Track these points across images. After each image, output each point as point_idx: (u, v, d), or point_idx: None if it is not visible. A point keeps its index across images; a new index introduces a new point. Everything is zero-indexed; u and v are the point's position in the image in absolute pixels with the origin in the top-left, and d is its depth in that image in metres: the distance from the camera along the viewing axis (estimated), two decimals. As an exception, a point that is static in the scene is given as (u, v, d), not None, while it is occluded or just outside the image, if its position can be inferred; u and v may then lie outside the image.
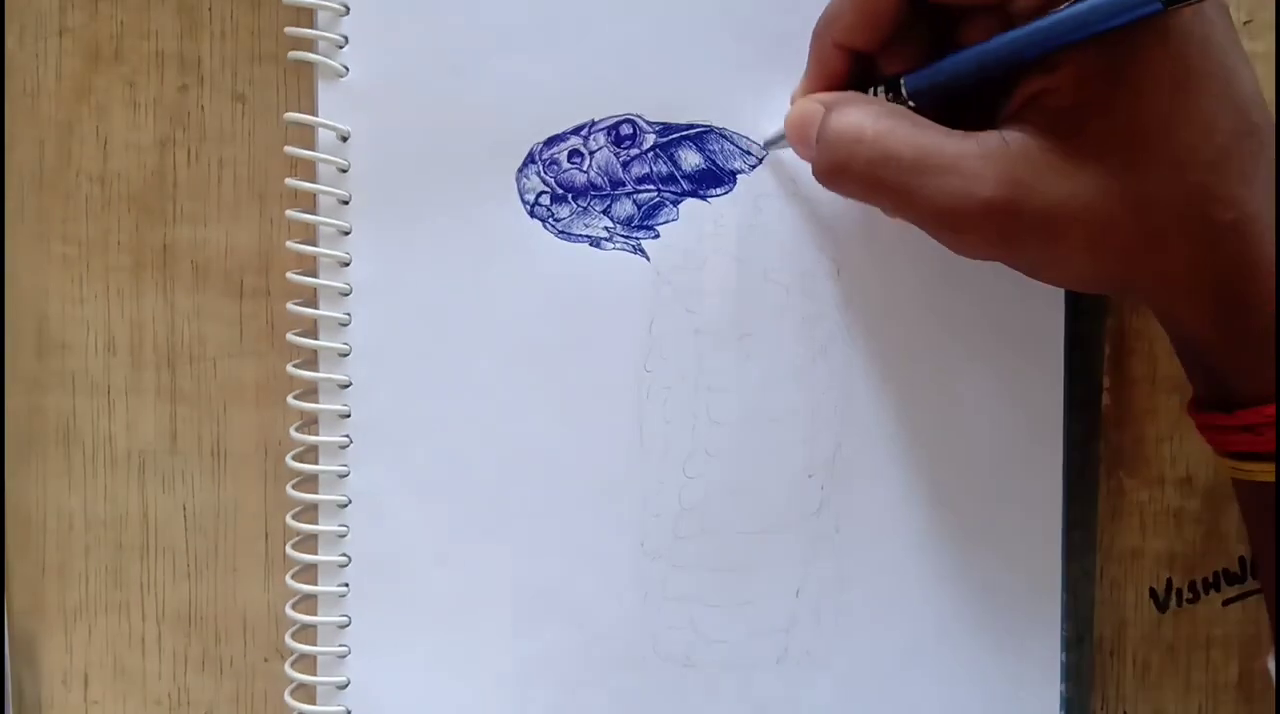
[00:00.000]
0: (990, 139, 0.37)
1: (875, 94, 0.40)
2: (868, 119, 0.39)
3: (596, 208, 0.46)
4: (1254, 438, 0.39)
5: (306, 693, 0.48)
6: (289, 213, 0.46)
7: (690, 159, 0.46)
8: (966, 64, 0.38)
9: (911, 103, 0.40)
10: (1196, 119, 0.36)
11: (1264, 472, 0.39)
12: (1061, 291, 0.46)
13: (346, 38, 0.46)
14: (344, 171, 0.46)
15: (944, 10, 0.40)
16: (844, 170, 0.39)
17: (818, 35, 0.42)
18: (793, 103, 0.43)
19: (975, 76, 0.38)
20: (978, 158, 0.37)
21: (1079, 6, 0.35)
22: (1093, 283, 0.40)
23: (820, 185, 0.40)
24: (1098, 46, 0.36)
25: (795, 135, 0.42)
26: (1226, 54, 0.37)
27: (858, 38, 0.40)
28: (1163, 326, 0.41)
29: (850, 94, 0.41)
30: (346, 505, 0.47)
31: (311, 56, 0.45)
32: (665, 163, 0.46)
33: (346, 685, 0.47)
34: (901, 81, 0.40)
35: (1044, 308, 0.46)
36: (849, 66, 0.41)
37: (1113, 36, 0.36)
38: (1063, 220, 0.37)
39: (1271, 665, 0.44)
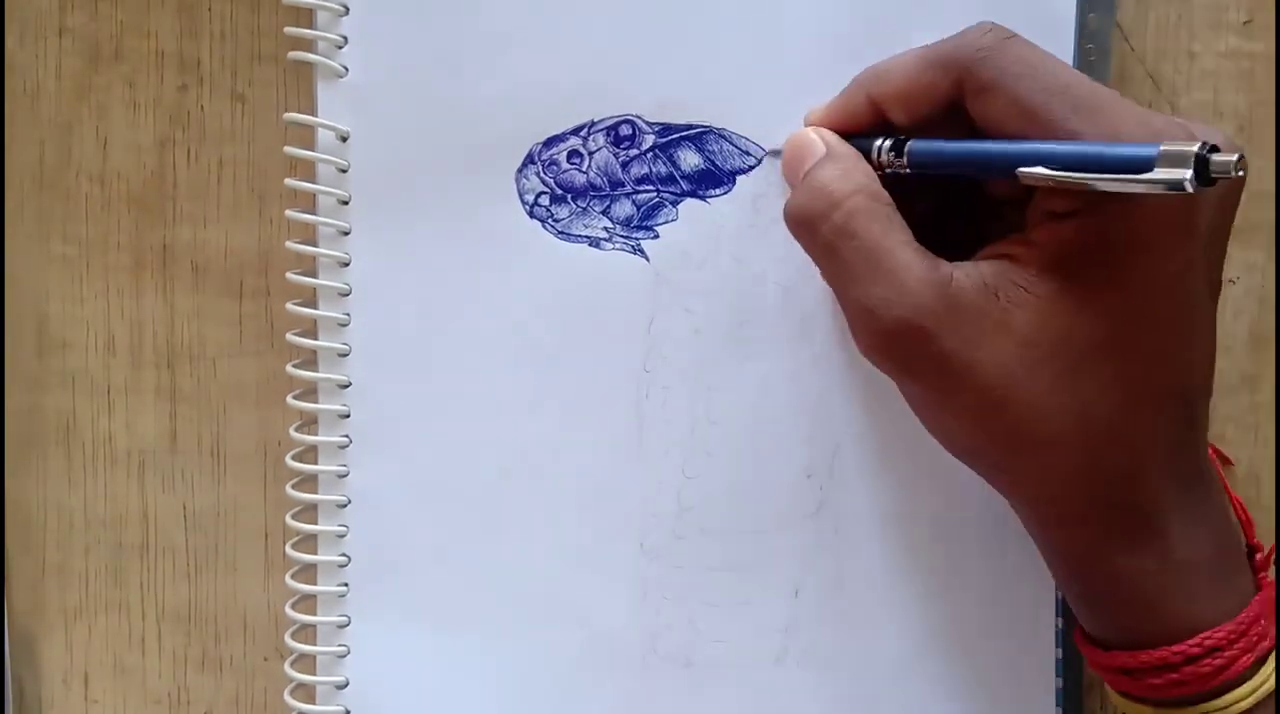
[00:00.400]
0: (942, 268, 0.37)
1: (880, 149, 0.40)
2: (849, 190, 0.39)
3: (596, 208, 0.46)
4: (1129, 681, 0.40)
5: (306, 692, 0.48)
6: (289, 213, 0.46)
7: (689, 160, 0.46)
8: (968, 153, 0.39)
9: (909, 170, 0.40)
10: (1130, 361, 0.37)
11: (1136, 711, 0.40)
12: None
13: (346, 38, 0.46)
14: (344, 172, 0.46)
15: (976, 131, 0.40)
16: (810, 225, 0.39)
17: (859, 83, 0.42)
18: (806, 122, 0.43)
19: (972, 167, 0.39)
20: (919, 278, 0.37)
21: (1090, 144, 0.35)
22: (963, 453, 0.40)
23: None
24: (1072, 239, 0.36)
25: (790, 158, 0.43)
26: (1193, 329, 0.38)
27: (892, 105, 0.41)
28: (1031, 536, 0.41)
29: (853, 152, 0.41)
30: (346, 505, 0.47)
31: (311, 57, 0.46)
32: (664, 163, 0.46)
33: (346, 685, 0.47)
34: (907, 143, 0.40)
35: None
36: (871, 122, 0.41)
37: (1086, 244, 0.36)
38: (960, 376, 0.37)
39: None
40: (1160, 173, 0.33)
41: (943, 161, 0.39)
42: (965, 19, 0.42)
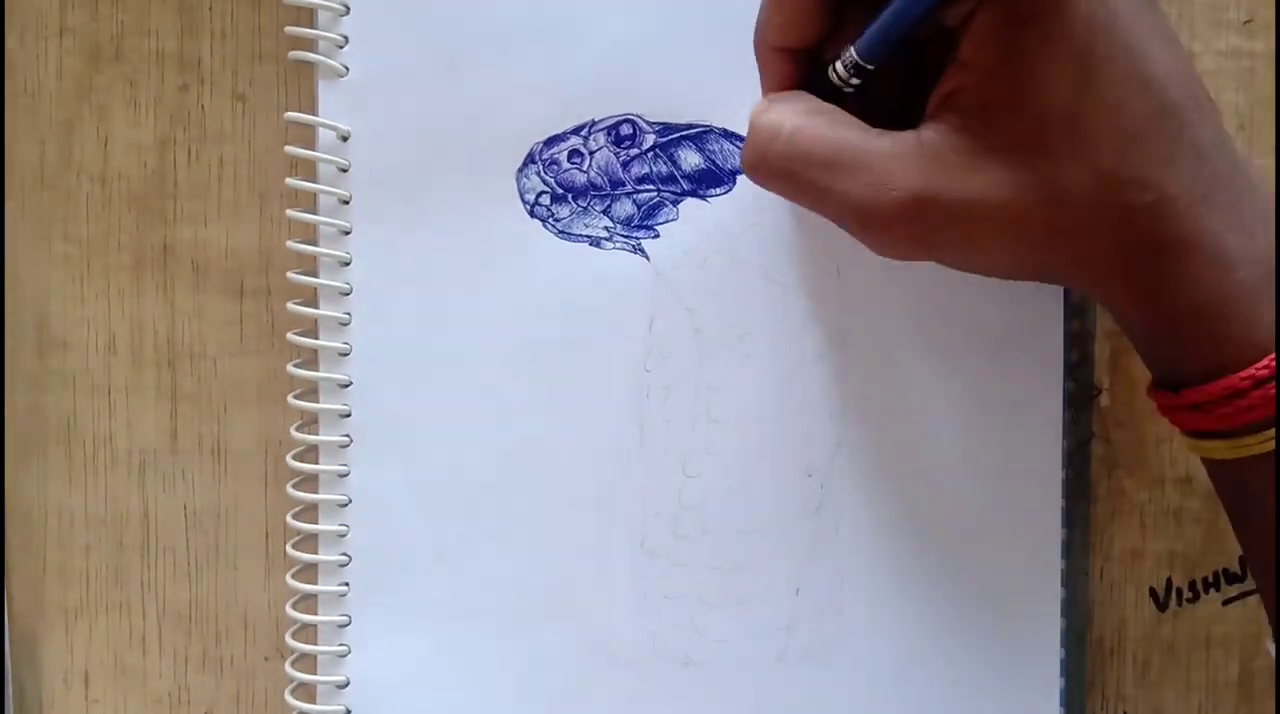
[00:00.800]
0: (905, 138, 0.37)
1: (834, 69, 0.39)
2: (787, 115, 0.39)
3: (596, 207, 0.46)
4: (1202, 416, 0.39)
5: (307, 692, 0.48)
6: (289, 212, 0.46)
7: (690, 159, 0.46)
8: (895, 16, 0.38)
9: (871, 66, 0.39)
10: (1103, 105, 0.36)
11: (1218, 449, 0.39)
12: (1061, 290, 0.46)
13: (347, 37, 0.46)
14: (344, 171, 0.46)
15: None
16: (760, 164, 0.39)
17: (756, 44, 0.41)
18: (757, 45, 0.42)
19: (907, 27, 0.38)
20: (890, 156, 0.37)
21: None
22: (1020, 273, 0.40)
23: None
24: (1002, 39, 0.36)
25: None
26: (1134, 35, 0.37)
27: (790, 37, 0.40)
28: (1100, 303, 0.41)
29: (790, 94, 0.40)
30: (347, 505, 0.47)
31: (312, 56, 0.46)
32: (665, 163, 0.46)
33: (346, 685, 0.47)
34: (851, 49, 0.39)
35: (1043, 308, 0.46)
36: (795, 68, 0.41)
37: (1016, 28, 0.36)
38: (975, 216, 0.37)
39: (1270, 648, 0.44)
40: None
41: (887, 37, 0.38)
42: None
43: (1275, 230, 0.37)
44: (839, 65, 0.39)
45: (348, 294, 0.46)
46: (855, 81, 0.39)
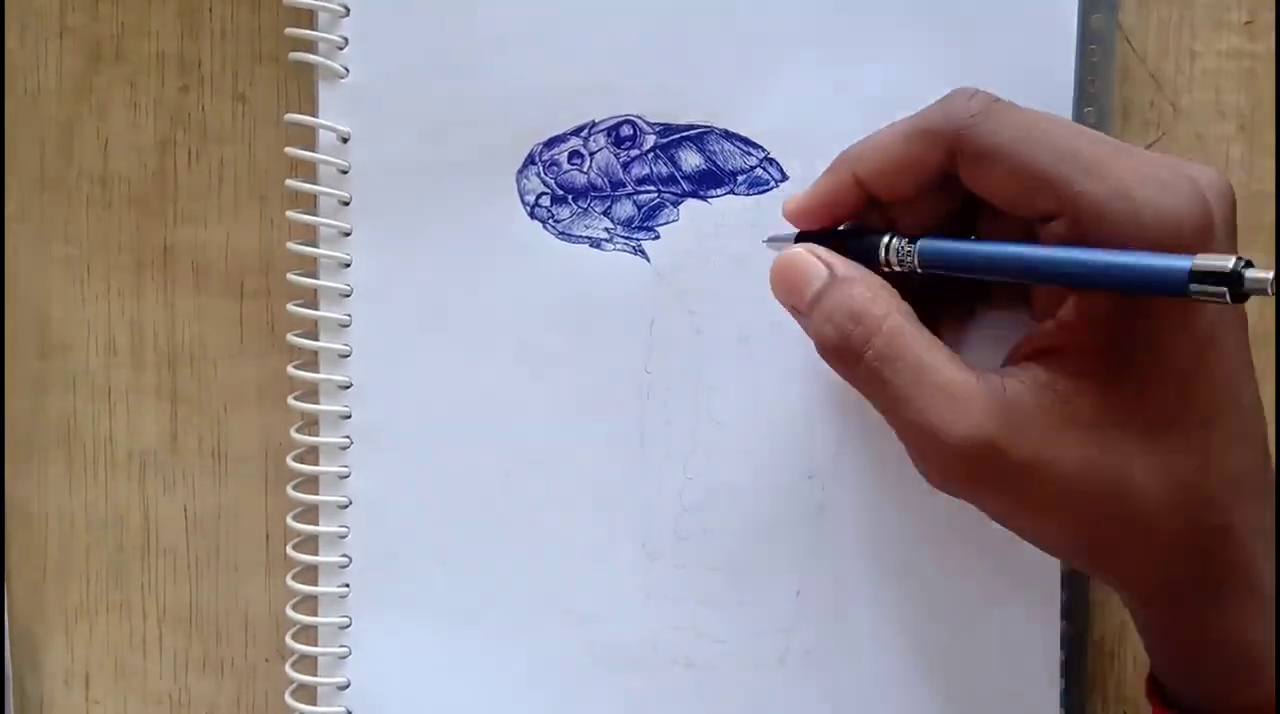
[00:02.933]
0: (990, 379, 0.36)
1: (888, 248, 0.39)
2: (891, 311, 0.37)
3: (597, 209, 0.46)
4: None
5: (307, 694, 0.48)
6: (289, 214, 0.46)
7: (691, 160, 0.46)
8: (988, 257, 0.37)
9: (920, 269, 0.38)
10: (1197, 419, 0.36)
11: None
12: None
13: (347, 39, 0.46)
14: (344, 173, 0.46)
15: (971, 196, 0.39)
16: (853, 353, 0.38)
17: (841, 162, 0.40)
18: (786, 212, 0.42)
19: (983, 271, 0.37)
20: (973, 393, 0.36)
21: (1100, 254, 0.34)
22: (1060, 551, 0.39)
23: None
24: (1119, 314, 0.35)
25: (786, 285, 0.40)
26: (1240, 360, 0.36)
27: (879, 183, 0.39)
28: (1130, 615, 0.40)
29: (859, 270, 0.39)
30: (347, 506, 0.47)
31: (312, 58, 0.46)
32: (665, 163, 0.46)
33: (347, 686, 0.47)
34: (916, 244, 0.38)
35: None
36: (859, 204, 0.40)
37: (1136, 308, 0.35)
38: (1039, 483, 0.36)
39: None
40: (1197, 285, 0.32)
41: (957, 265, 0.38)
42: (964, 20, 0.42)
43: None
44: (894, 249, 0.39)
45: (348, 296, 0.46)
46: (898, 268, 0.39)
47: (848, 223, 0.41)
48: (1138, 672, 0.48)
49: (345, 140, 0.46)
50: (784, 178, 0.45)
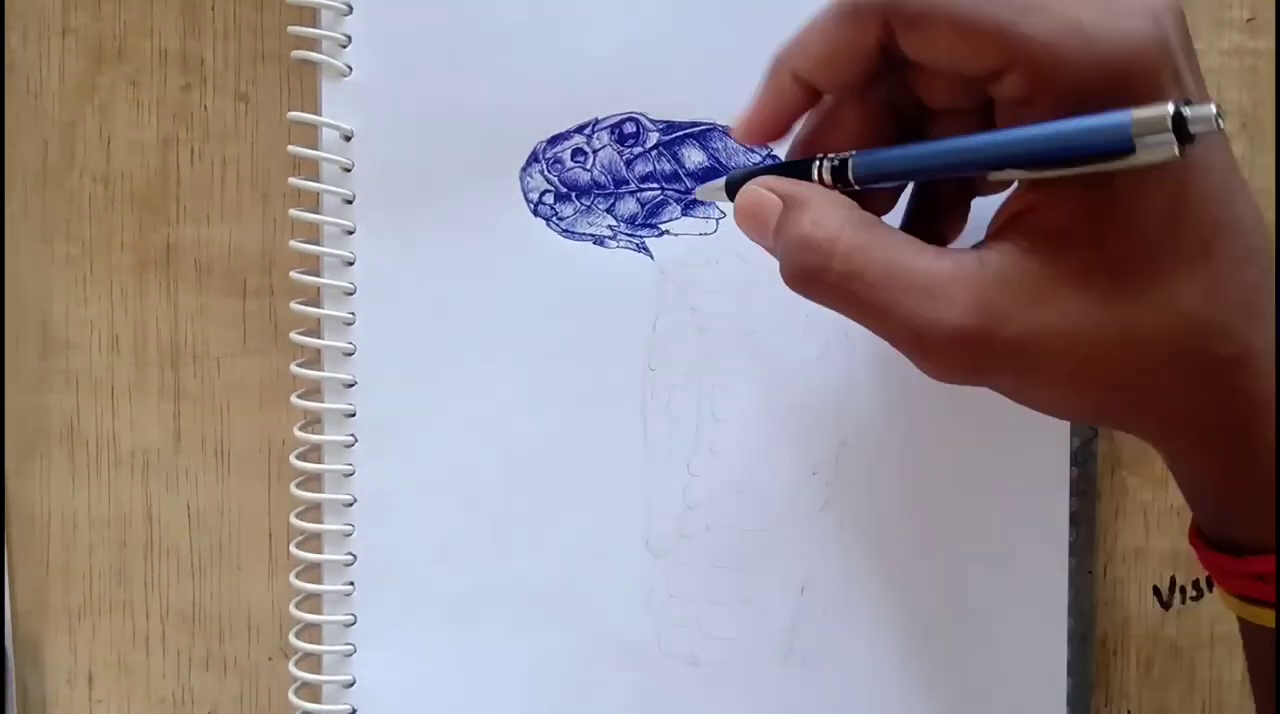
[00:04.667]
0: (966, 259, 0.35)
1: (820, 168, 0.37)
2: (840, 229, 0.36)
3: (600, 206, 0.46)
4: (1264, 585, 0.37)
5: (311, 692, 0.48)
6: (292, 212, 0.46)
7: (694, 157, 0.46)
8: (924, 159, 0.36)
9: (857, 186, 0.37)
10: (1192, 244, 0.34)
11: (1270, 618, 0.37)
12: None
13: (350, 37, 0.46)
14: (347, 171, 0.46)
15: (916, 82, 0.37)
16: (815, 281, 0.36)
17: (777, 61, 0.39)
18: (735, 135, 0.40)
19: (928, 175, 0.36)
20: (950, 278, 0.34)
21: (1055, 126, 0.33)
22: (1079, 416, 0.38)
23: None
24: (1098, 187, 0.33)
25: (749, 224, 0.39)
26: (1226, 179, 0.35)
27: (820, 73, 0.38)
28: (1164, 462, 0.39)
29: (811, 189, 0.37)
30: (351, 504, 0.47)
31: (315, 56, 0.46)
32: (669, 161, 0.46)
33: (352, 684, 0.47)
34: (851, 159, 0.37)
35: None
36: (803, 102, 0.39)
37: (1111, 185, 0.33)
38: (1041, 352, 0.34)
39: None
40: (1143, 154, 0.31)
41: (893, 172, 0.37)
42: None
43: None
44: (826, 168, 0.37)
45: (351, 293, 0.46)
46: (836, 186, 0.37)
47: (800, 134, 0.40)
48: (1142, 670, 0.48)
49: (348, 138, 0.46)
50: (787, 175, 0.45)
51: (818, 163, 0.37)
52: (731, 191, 0.39)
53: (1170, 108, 0.30)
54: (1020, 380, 0.36)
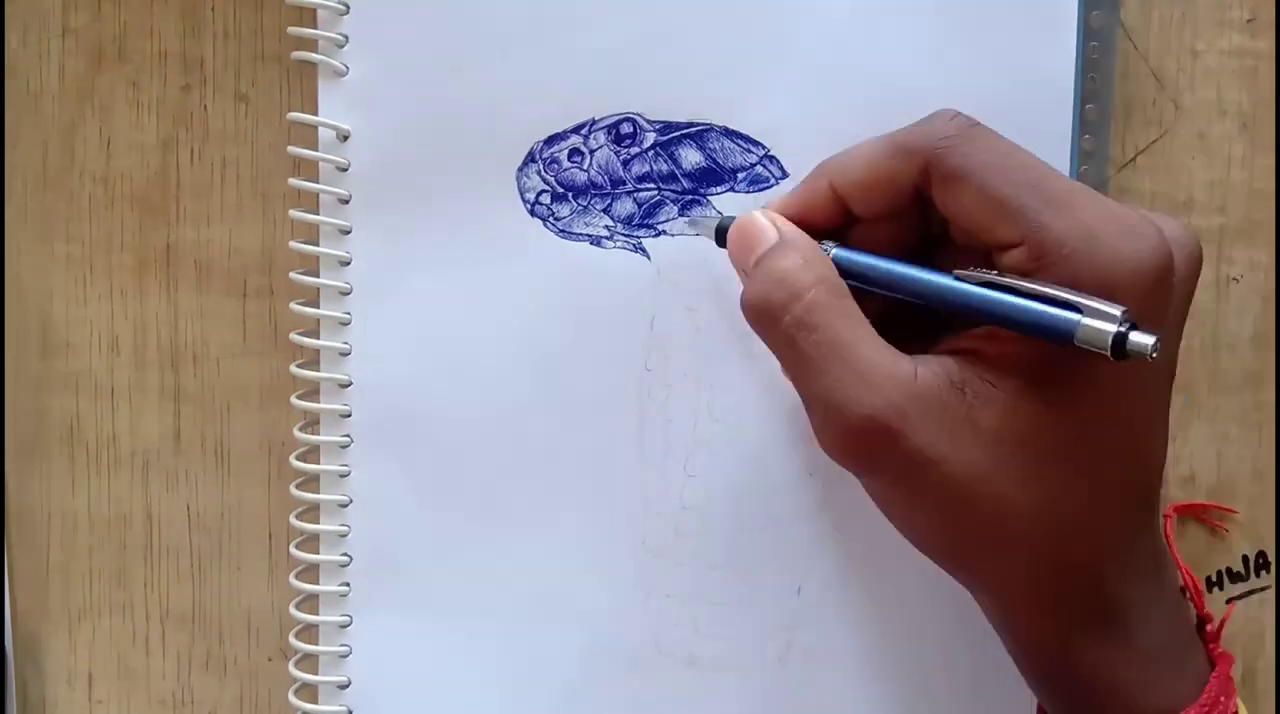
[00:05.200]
0: (904, 364, 0.36)
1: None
2: (819, 282, 0.38)
3: (597, 206, 0.46)
4: None
5: (310, 693, 0.48)
6: (292, 212, 0.46)
7: (691, 157, 0.46)
8: (885, 272, 0.38)
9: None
10: (1093, 457, 0.37)
11: None
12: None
13: (347, 37, 0.46)
14: (344, 170, 0.46)
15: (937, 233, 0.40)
16: (771, 318, 0.38)
17: (820, 172, 0.41)
18: (773, 206, 0.42)
19: (887, 287, 0.38)
20: (884, 376, 0.36)
21: (1016, 302, 0.35)
22: (928, 550, 0.39)
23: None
24: (1034, 345, 0.35)
25: (738, 243, 0.41)
26: (1150, 411, 0.38)
27: (854, 194, 0.40)
28: (997, 630, 0.41)
29: (807, 240, 0.40)
30: (348, 505, 0.47)
31: (314, 56, 0.46)
32: (666, 161, 0.46)
33: (348, 685, 0.47)
34: (831, 250, 0.39)
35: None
36: (834, 213, 0.41)
37: (1048, 347, 0.35)
38: (926, 475, 0.36)
39: None
40: (1082, 343, 0.33)
41: (865, 277, 0.39)
42: (965, 18, 0.42)
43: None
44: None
45: (348, 293, 0.46)
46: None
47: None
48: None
49: (345, 138, 0.46)
50: (784, 175, 0.45)
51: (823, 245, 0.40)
52: (720, 235, 0.42)
53: (1115, 324, 0.33)
54: (894, 491, 0.38)
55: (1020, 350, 0.36)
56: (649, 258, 0.46)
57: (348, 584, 0.47)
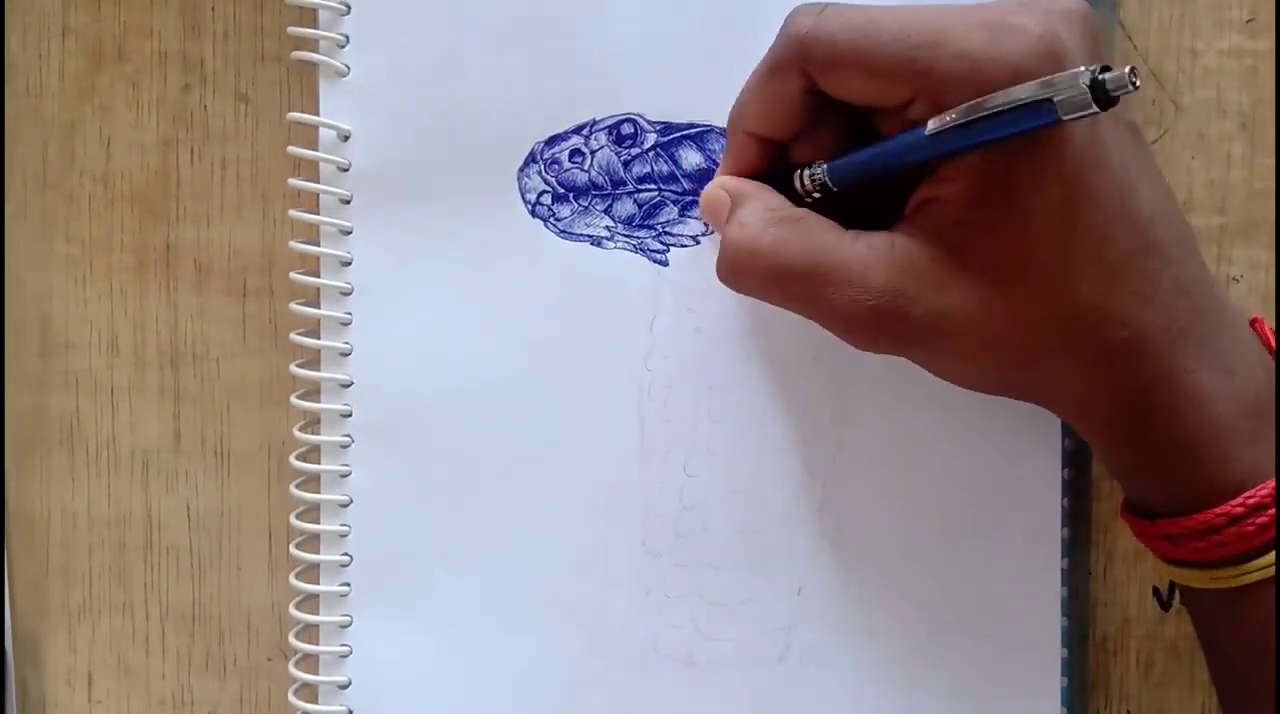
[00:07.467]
0: (878, 243, 0.38)
1: (801, 178, 0.41)
2: (762, 229, 0.40)
3: (598, 207, 0.46)
4: (1176, 547, 0.39)
5: (310, 693, 0.48)
6: (292, 212, 0.46)
7: (691, 158, 0.46)
8: (874, 159, 0.39)
9: (835, 188, 0.40)
10: (1087, 239, 0.37)
11: (1194, 578, 0.40)
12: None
13: (347, 37, 0.46)
14: (345, 171, 0.46)
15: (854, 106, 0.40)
16: (742, 277, 0.41)
17: (731, 124, 0.43)
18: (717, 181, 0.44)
19: (884, 171, 0.39)
20: (864, 265, 0.38)
21: (990, 115, 0.35)
22: (988, 390, 0.40)
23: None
24: (990, 162, 0.36)
25: (709, 217, 0.44)
26: (1125, 173, 0.37)
27: (766, 128, 0.41)
28: (1074, 427, 0.41)
29: (754, 189, 0.42)
30: (348, 505, 0.47)
31: (314, 56, 0.46)
32: (666, 162, 0.46)
33: (348, 685, 0.47)
34: (824, 169, 0.40)
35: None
36: (765, 153, 0.42)
37: (1006, 155, 0.36)
38: (946, 332, 0.38)
39: None
40: (1068, 117, 0.33)
41: (864, 171, 0.39)
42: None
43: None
44: (806, 177, 0.41)
45: (349, 294, 0.46)
46: (817, 195, 0.41)
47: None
48: (1142, 670, 0.48)
49: (346, 138, 0.46)
50: (784, 175, 0.45)
51: (798, 173, 0.41)
52: None
53: (1085, 77, 0.33)
54: (930, 355, 0.40)
55: (973, 176, 0.36)
56: (649, 258, 0.46)
57: (348, 584, 0.47)
